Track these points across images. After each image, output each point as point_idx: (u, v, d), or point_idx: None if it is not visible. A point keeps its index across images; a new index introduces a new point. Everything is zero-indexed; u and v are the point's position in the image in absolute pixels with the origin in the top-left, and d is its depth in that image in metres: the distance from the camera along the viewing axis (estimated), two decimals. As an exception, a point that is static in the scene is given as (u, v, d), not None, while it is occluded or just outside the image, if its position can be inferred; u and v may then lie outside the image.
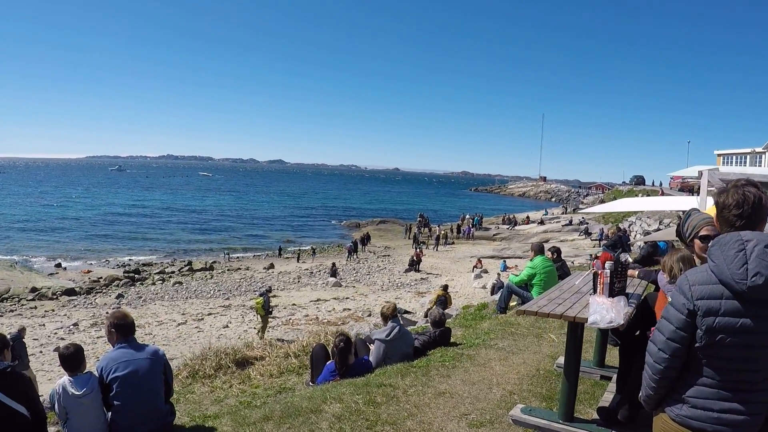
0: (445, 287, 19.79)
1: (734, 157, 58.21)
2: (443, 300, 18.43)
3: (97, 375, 4.41)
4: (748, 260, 2.22)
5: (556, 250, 10.84)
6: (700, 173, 7.36)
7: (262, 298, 18.52)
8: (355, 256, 38.91)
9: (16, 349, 13.02)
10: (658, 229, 29.15)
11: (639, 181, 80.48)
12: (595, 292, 4.26)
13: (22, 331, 14.29)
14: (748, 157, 55.43)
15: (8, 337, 13.89)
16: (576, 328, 4.24)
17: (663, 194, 44.36)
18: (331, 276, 31.05)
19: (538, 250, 9.72)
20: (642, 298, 4.72)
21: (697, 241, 3.56)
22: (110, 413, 4.37)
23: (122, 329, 4.52)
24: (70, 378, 4.32)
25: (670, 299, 2.44)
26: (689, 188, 54.61)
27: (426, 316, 18.02)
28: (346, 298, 25.41)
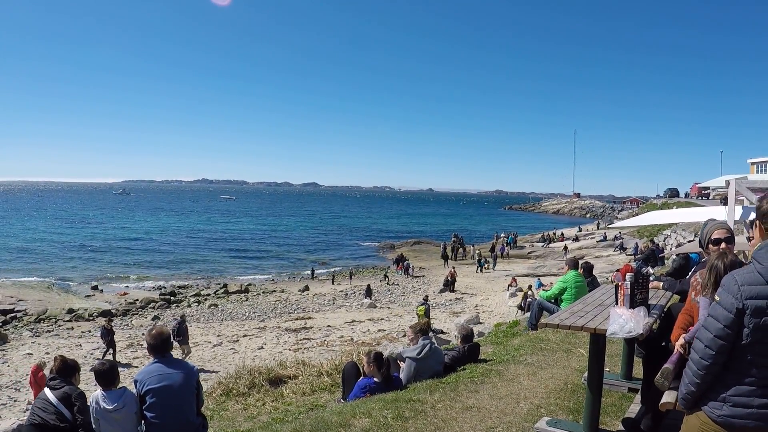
0: (530, 286, 24.70)
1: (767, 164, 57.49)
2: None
3: (133, 388, 4.62)
4: None
5: (587, 267, 10.73)
6: (727, 182, 7.33)
7: (424, 306, 21.77)
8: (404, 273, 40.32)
9: (181, 331, 17.82)
10: (692, 241, 28.62)
11: (673, 193, 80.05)
12: (616, 303, 4.31)
13: (184, 317, 20.24)
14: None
15: (174, 323, 18.03)
16: (598, 339, 4.29)
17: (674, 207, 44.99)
18: (366, 297, 31.18)
19: (572, 264, 9.69)
20: (666, 308, 4.74)
21: (711, 246, 3.64)
22: (144, 425, 4.56)
23: (153, 348, 4.76)
24: (104, 393, 4.56)
25: (717, 298, 2.54)
26: (706, 195, 61.39)
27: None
28: (381, 319, 25.44)
